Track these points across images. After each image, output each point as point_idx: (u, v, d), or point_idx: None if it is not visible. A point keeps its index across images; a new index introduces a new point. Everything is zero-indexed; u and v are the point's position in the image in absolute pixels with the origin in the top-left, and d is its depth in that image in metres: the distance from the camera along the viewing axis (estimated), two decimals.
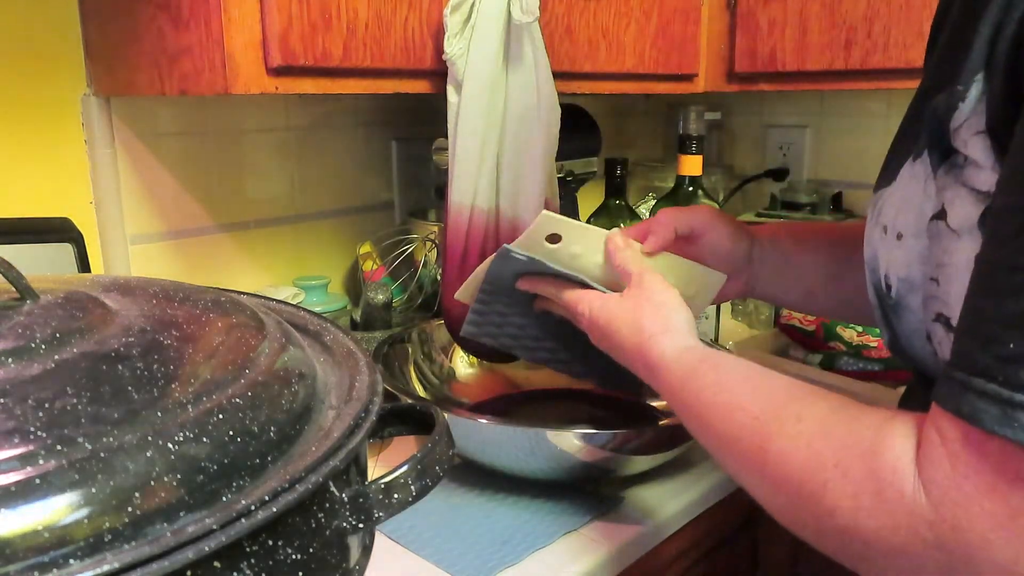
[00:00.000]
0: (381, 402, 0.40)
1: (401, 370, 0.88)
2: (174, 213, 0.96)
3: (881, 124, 1.32)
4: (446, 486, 0.75)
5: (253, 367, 0.37)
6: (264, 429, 0.34)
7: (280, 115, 1.05)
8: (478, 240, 0.80)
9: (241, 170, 1.02)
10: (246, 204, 1.03)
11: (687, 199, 1.07)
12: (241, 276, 1.03)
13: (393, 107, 1.16)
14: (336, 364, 0.44)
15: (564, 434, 0.69)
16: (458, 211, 0.80)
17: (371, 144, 1.15)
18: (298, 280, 1.04)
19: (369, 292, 0.98)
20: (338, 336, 0.47)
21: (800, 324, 1.07)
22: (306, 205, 1.09)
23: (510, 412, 0.89)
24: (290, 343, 0.42)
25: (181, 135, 0.96)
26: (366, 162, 1.15)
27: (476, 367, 0.95)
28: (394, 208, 1.18)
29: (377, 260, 1.12)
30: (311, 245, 1.10)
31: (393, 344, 0.88)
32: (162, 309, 0.42)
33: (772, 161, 1.44)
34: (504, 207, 0.80)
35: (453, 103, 0.78)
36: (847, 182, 1.36)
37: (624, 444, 0.71)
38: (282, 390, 0.37)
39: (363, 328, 0.99)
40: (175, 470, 0.30)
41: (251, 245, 1.04)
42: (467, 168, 0.78)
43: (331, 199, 1.12)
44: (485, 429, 0.70)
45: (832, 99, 1.37)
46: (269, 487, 0.31)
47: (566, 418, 0.90)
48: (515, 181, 0.80)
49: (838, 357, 0.99)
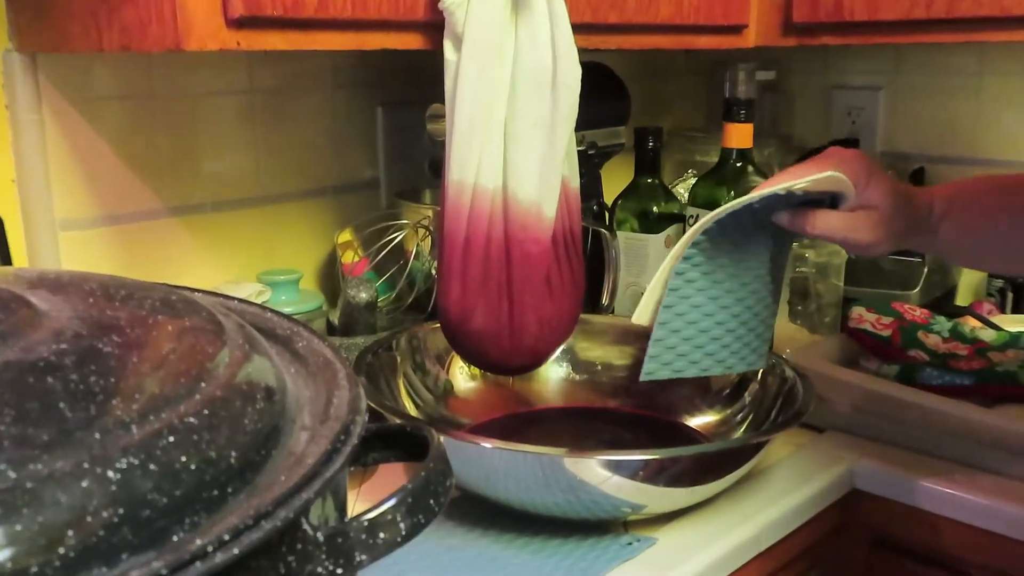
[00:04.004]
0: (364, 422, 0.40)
1: (388, 384, 0.88)
2: (114, 193, 0.97)
3: (972, 84, 1.31)
4: (442, 524, 0.75)
5: (210, 380, 0.37)
6: (223, 454, 0.34)
7: (242, 76, 1.05)
8: (482, 226, 0.80)
9: (195, 142, 1.03)
10: (201, 183, 1.03)
11: (734, 177, 1.06)
12: (195, 270, 1.04)
13: (379, 67, 1.16)
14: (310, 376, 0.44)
15: (585, 460, 0.69)
16: (457, 191, 0.80)
17: (352, 111, 1.15)
18: (264, 275, 1.05)
19: (349, 289, 0.98)
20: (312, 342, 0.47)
21: (873, 328, 1.07)
22: (273, 184, 1.09)
23: (519, 434, 0.89)
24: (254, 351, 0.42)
25: (123, 100, 0.96)
26: (346, 133, 1.15)
27: (478, 380, 0.95)
28: (380, 188, 1.18)
29: (359, 251, 1.12)
30: (279, 232, 1.11)
31: (378, 352, 0.88)
32: (100, 310, 0.42)
33: (838, 130, 1.43)
34: (513, 186, 0.80)
35: (451, 61, 0.78)
36: (929, 155, 1.35)
37: (659, 473, 0.71)
38: (245, 407, 0.37)
39: (342, 333, 0.99)
40: (116, 503, 0.30)
41: (207, 232, 1.05)
42: (468, 140, 0.78)
43: (303, 177, 1.12)
44: (489, 454, 0.70)
45: (911, 54, 1.36)
46: (229, 524, 0.31)
47: (587, 441, 0.90)
48: (526, 155, 0.79)
49: (919, 369, 0.98)
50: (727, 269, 0.74)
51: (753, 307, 0.77)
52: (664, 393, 0.93)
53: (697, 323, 0.75)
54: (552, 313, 0.83)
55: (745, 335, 0.78)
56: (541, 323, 0.82)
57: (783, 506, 0.81)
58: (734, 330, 0.77)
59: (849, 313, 1.12)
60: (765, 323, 0.79)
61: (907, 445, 0.92)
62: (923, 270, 1.22)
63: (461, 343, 0.84)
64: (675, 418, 0.92)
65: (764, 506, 0.79)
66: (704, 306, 0.75)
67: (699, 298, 0.75)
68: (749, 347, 0.78)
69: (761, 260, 0.76)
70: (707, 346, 0.76)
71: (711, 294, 0.75)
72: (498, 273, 0.80)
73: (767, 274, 0.77)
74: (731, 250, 0.74)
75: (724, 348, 0.77)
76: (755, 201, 0.70)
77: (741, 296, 0.76)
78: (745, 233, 0.74)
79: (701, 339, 0.76)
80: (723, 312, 0.75)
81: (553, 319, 0.83)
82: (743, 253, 0.75)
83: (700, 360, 0.77)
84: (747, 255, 0.75)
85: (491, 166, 0.79)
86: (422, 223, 1.07)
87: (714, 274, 0.74)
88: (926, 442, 0.91)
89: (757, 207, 0.71)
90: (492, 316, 0.81)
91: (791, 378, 0.86)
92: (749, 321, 0.77)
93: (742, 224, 0.73)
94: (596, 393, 0.97)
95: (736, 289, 0.75)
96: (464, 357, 0.89)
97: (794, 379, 0.85)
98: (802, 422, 0.79)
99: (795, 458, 0.90)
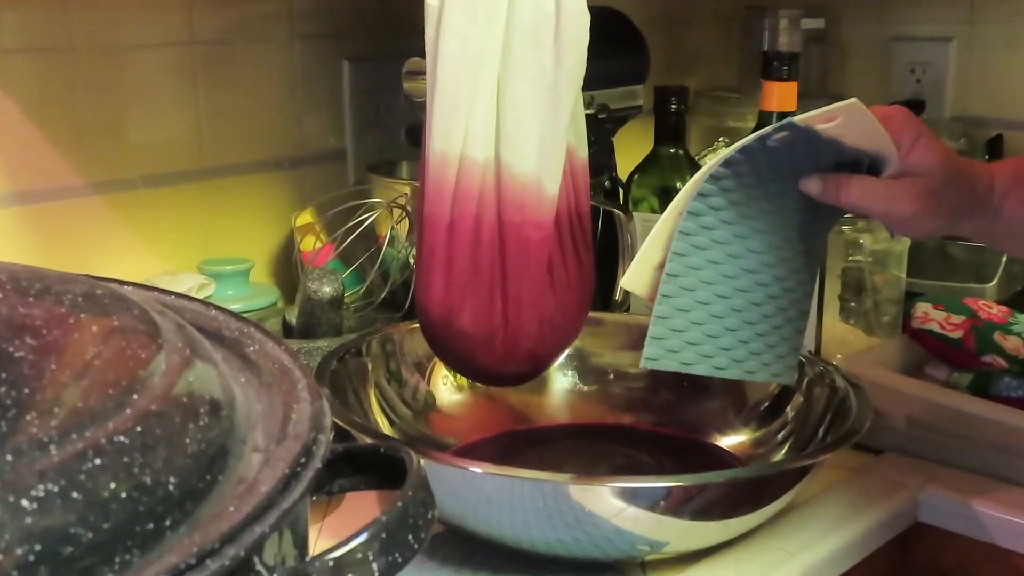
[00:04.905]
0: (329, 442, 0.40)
1: (357, 396, 0.88)
2: (24, 166, 0.96)
3: None
4: (423, 563, 0.75)
5: (143, 391, 0.38)
6: (160, 480, 0.34)
7: (180, 23, 1.05)
8: (470, 206, 0.80)
9: (123, 105, 1.02)
10: (130, 154, 1.03)
11: None
12: (124, 258, 1.04)
13: (345, 12, 1.16)
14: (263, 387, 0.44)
15: (595, 488, 0.69)
16: (441, 163, 0.80)
17: (313, 66, 1.15)
18: (207, 264, 1.05)
19: (310, 282, 0.98)
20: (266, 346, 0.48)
21: (940, 329, 1.07)
22: (218, 155, 1.09)
23: (515, 457, 0.89)
24: (196, 356, 0.42)
25: (33, 53, 0.96)
26: (305, 92, 1.15)
27: (466, 391, 0.95)
28: (346, 160, 1.18)
29: (322, 236, 1.12)
30: (225, 213, 1.11)
31: (345, 358, 0.89)
32: (10, 307, 0.42)
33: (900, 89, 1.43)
34: (508, 158, 0.80)
35: (433, 6, 0.78)
36: (1009, 120, 1.35)
37: (683, 503, 0.71)
38: (186, 424, 0.37)
39: (302, 335, 0.99)
40: (31, 538, 0.30)
41: (138, 213, 1.05)
42: (454, 101, 0.78)
43: (254, 147, 1.12)
44: (480, 481, 0.71)
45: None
46: (167, 564, 0.31)
47: (597, 465, 0.90)
48: (524, 120, 0.80)
49: (996, 378, 0.99)
50: (745, 241, 0.74)
51: (778, 298, 0.76)
52: (689, 407, 0.93)
53: (708, 305, 0.74)
54: (555, 310, 0.83)
55: (768, 334, 0.77)
56: (542, 323, 0.82)
57: (832, 543, 0.81)
58: (754, 323, 0.76)
59: (912, 311, 1.12)
60: (796, 326, 0.79)
61: (981, 469, 0.92)
62: (1001, 259, 1.22)
63: (445, 347, 0.84)
64: (703, 437, 0.92)
65: (810, 543, 0.80)
66: (716, 284, 0.74)
67: (709, 272, 0.73)
68: (773, 351, 0.78)
69: (783, 237, 0.75)
70: (722, 337, 0.75)
71: (724, 270, 0.74)
72: (490, 262, 0.80)
73: (796, 257, 0.76)
74: (749, 212, 0.73)
75: (743, 345, 0.76)
76: (769, 137, 0.69)
77: (761, 278, 0.75)
78: (766, 195, 0.73)
79: (713, 326, 0.75)
80: (739, 296, 0.75)
81: (556, 318, 0.83)
82: (764, 221, 0.74)
83: (714, 355, 0.76)
84: (769, 225, 0.74)
85: (481, 133, 0.79)
86: (398, 202, 1.07)
87: (728, 245, 0.73)
88: (1004, 466, 0.91)
89: (774, 144, 0.69)
90: (483, 314, 0.81)
91: (842, 389, 0.86)
92: (771, 317, 0.76)
93: (764, 181, 0.72)
94: (608, 407, 0.97)
95: (756, 268, 0.75)
96: (449, 364, 0.89)
97: (846, 390, 0.85)
98: (855, 442, 0.79)
99: (847, 485, 0.90)
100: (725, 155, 0.71)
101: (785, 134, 0.69)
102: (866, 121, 0.69)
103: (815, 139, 0.69)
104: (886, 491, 0.90)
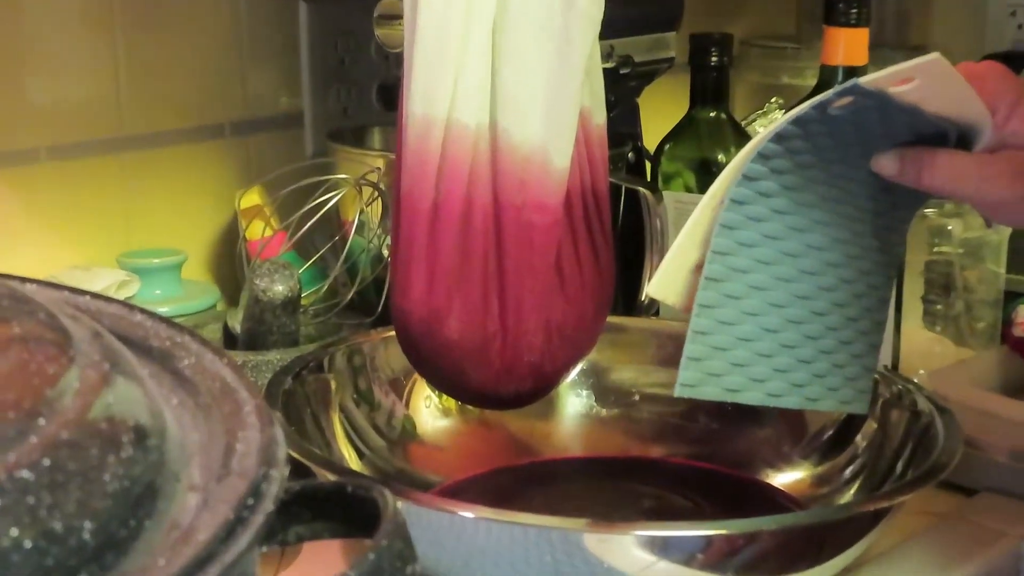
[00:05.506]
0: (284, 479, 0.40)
1: (317, 422, 0.88)
2: None
3: None
4: None
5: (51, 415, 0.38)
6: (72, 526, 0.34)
7: None
8: (459, 184, 0.80)
9: (22, 60, 1.02)
10: (32, 119, 1.04)
11: None
12: (24, 248, 1.04)
13: None
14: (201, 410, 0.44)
15: (616, 537, 0.69)
16: (423, 130, 0.80)
17: (261, 7, 1.15)
18: (128, 257, 1.05)
19: (258, 280, 0.98)
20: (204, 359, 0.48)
21: None
22: (142, 120, 1.10)
23: (516, 498, 0.90)
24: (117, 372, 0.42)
25: None
26: (252, 40, 1.15)
27: (454, 416, 0.96)
28: (303, 126, 1.19)
29: (273, 221, 1.12)
30: (151, 193, 1.11)
31: (303, 375, 0.89)
32: None
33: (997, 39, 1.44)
34: (506, 123, 0.80)
35: None
36: None
37: (728, 556, 0.71)
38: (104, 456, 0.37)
39: (248, 345, 0.99)
40: None
41: (42, 193, 1.05)
42: (439, 54, 0.79)
43: (187, 109, 1.12)
44: (472, 528, 0.71)
45: None
46: None
47: (619, 508, 0.91)
48: (526, 77, 0.80)
49: None
50: (803, 236, 0.74)
51: (846, 306, 0.76)
52: (734, 436, 0.94)
53: (759, 316, 0.74)
54: (565, 315, 0.83)
55: (834, 351, 0.77)
56: (548, 330, 0.82)
57: None
58: (817, 339, 0.76)
59: (1013, 316, 1.12)
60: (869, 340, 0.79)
61: None
62: None
63: (428, 361, 0.85)
64: (751, 474, 0.93)
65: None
66: (768, 290, 0.74)
67: (759, 275, 0.74)
68: (842, 372, 0.78)
69: (851, 231, 0.75)
70: (776, 357, 0.75)
71: (777, 272, 0.74)
72: (484, 255, 0.80)
73: (868, 255, 0.76)
74: (808, 200, 0.73)
75: (803, 365, 0.76)
76: (829, 104, 0.69)
77: (824, 282, 0.75)
78: (829, 177, 0.73)
79: (766, 343, 0.75)
80: (797, 305, 0.75)
81: (566, 324, 0.83)
82: (827, 211, 0.74)
83: (768, 379, 0.76)
84: (833, 215, 0.74)
85: (473, 93, 0.79)
86: (368, 179, 1.07)
87: (782, 241, 0.74)
88: None
89: (836, 112, 0.69)
90: (475, 320, 0.81)
91: (926, 413, 0.86)
92: (838, 330, 0.76)
93: (825, 160, 0.72)
94: (632, 436, 0.98)
95: (818, 269, 0.75)
96: (432, 382, 0.90)
97: (931, 415, 0.85)
98: (943, 480, 0.79)
99: (934, 533, 0.90)
100: (776, 128, 0.71)
101: (849, 100, 0.69)
102: (952, 82, 0.68)
103: (888, 105, 0.69)
104: (983, 539, 0.90)
